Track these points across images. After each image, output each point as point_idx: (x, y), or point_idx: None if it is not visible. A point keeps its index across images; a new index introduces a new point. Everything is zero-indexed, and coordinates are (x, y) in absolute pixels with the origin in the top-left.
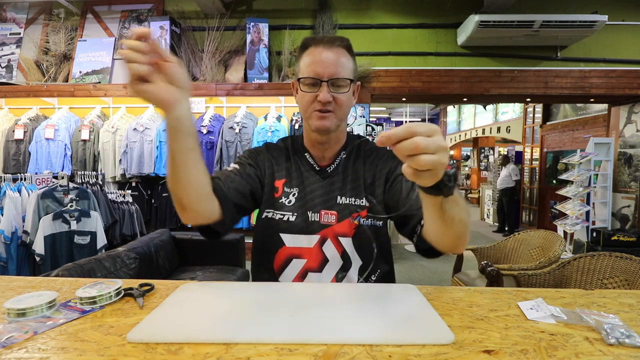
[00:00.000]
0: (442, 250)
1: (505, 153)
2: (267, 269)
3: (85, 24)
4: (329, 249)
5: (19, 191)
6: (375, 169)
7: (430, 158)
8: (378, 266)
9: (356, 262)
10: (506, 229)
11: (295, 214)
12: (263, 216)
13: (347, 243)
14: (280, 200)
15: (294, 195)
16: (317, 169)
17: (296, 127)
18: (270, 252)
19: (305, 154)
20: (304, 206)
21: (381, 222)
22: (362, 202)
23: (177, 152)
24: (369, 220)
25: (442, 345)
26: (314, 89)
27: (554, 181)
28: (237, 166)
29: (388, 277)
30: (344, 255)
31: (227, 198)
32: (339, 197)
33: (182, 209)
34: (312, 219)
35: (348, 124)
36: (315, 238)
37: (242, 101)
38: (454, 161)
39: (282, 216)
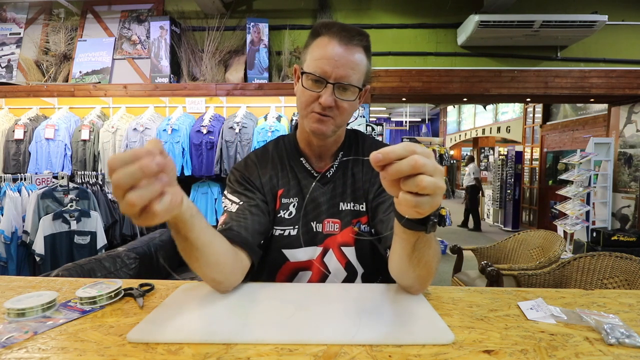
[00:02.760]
0: (400, 285)
1: (469, 153)
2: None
3: (85, 24)
4: (331, 261)
5: (19, 191)
6: (372, 172)
7: (431, 179)
8: (381, 272)
9: (360, 270)
10: (469, 225)
11: (297, 226)
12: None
13: (350, 253)
14: (279, 215)
15: (293, 206)
16: (316, 175)
17: None
18: (274, 268)
19: (301, 159)
20: (305, 217)
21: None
22: (362, 207)
23: (197, 238)
24: (369, 226)
25: (442, 345)
26: (317, 89)
27: (551, 182)
28: (239, 201)
29: (391, 281)
30: (348, 266)
31: (250, 246)
32: (341, 204)
33: (219, 284)
34: (316, 230)
35: (348, 123)
36: (318, 250)
37: (242, 101)
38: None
39: (282, 231)
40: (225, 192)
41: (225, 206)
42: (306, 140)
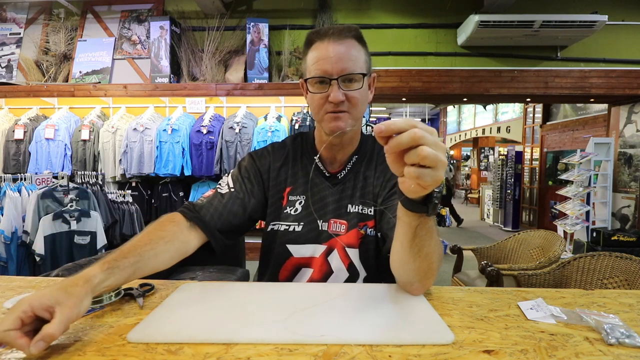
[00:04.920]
0: (400, 285)
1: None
2: (271, 280)
3: (85, 24)
4: (335, 260)
5: (19, 191)
6: (384, 177)
7: (432, 150)
8: (383, 278)
9: (362, 273)
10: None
11: (302, 223)
12: (269, 229)
13: (353, 254)
14: (285, 211)
15: (300, 203)
16: (327, 175)
17: (296, 127)
18: (278, 263)
19: (315, 158)
20: (312, 214)
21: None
22: (371, 211)
23: (120, 285)
24: (375, 230)
25: (442, 345)
26: (324, 89)
27: (551, 182)
28: (232, 187)
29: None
30: (351, 267)
31: (210, 229)
32: (349, 206)
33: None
34: (321, 228)
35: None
36: (322, 248)
37: (242, 101)
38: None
39: (287, 227)
40: (231, 172)
41: (219, 184)
42: (322, 142)
